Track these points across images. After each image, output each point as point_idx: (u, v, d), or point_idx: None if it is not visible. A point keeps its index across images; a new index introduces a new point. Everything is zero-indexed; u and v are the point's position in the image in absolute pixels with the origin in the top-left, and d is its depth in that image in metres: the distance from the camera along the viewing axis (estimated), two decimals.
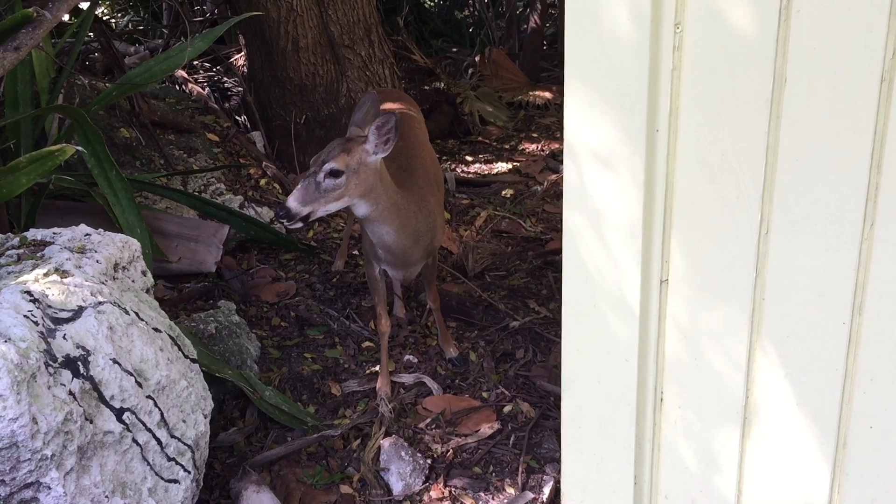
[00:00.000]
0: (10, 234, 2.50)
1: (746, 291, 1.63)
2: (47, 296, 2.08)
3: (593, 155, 1.65)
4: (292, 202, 2.66)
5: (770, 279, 1.61)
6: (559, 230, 4.61)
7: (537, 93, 6.87)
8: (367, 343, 3.60)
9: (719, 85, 1.54)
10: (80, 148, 2.82)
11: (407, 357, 3.51)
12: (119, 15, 7.79)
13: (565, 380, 1.87)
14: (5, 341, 1.86)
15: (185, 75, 5.21)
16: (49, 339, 1.97)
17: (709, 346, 1.70)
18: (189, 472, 2.34)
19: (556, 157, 5.73)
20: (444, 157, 5.75)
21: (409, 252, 3.03)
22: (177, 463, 2.30)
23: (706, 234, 1.63)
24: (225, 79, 5.50)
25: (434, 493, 2.76)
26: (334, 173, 2.66)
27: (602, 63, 1.58)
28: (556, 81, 7.24)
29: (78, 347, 2.03)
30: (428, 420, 3.11)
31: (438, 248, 3.32)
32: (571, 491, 1.96)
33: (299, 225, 2.72)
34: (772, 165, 1.56)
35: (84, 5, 4.19)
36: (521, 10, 8.20)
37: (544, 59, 7.72)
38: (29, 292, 2.05)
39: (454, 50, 7.93)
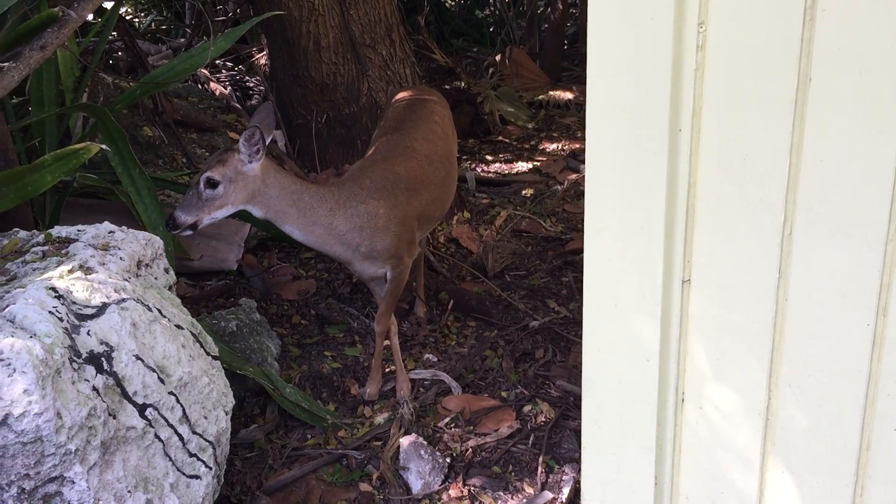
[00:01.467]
0: (35, 231, 2.52)
1: (769, 292, 1.62)
2: (72, 292, 2.10)
3: (615, 154, 1.65)
4: (178, 212, 2.79)
5: (793, 280, 1.60)
6: (579, 230, 4.60)
7: (558, 92, 6.86)
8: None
9: (743, 85, 1.54)
10: (104, 146, 2.85)
11: (427, 356, 3.51)
12: (142, 14, 7.86)
13: (586, 379, 1.87)
14: (30, 337, 1.88)
15: (208, 74, 5.25)
16: (73, 335, 1.99)
17: (731, 346, 1.69)
18: (210, 468, 2.36)
19: (577, 157, 5.72)
20: (465, 157, 5.75)
21: (332, 250, 3.00)
22: (198, 459, 2.32)
23: (729, 235, 1.63)
24: (246, 78, 5.53)
25: (453, 492, 2.76)
26: (211, 183, 2.76)
27: (625, 62, 1.57)
28: (576, 81, 7.23)
29: (102, 343, 2.05)
30: (447, 419, 3.12)
31: (399, 262, 3.10)
32: (591, 491, 1.95)
33: (189, 233, 2.84)
34: (795, 166, 1.54)
35: (108, 5, 4.23)
36: (541, 9, 8.19)
37: (565, 58, 7.70)
38: (54, 289, 2.07)
39: (474, 49, 7.93)
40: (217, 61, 5.66)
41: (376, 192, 3.02)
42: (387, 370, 3.41)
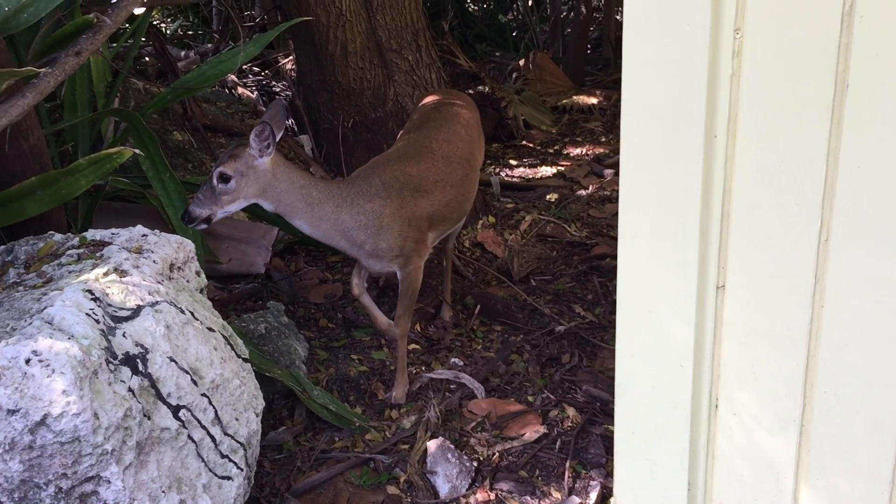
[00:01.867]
0: (69, 234, 2.56)
1: (805, 299, 1.62)
2: (107, 294, 2.13)
3: (649, 159, 1.65)
4: (193, 206, 2.89)
5: (829, 286, 1.60)
6: (604, 235, 4.60)
7: (581, 97, 6.86)
8: (412, 345, 3.62)
9: (779, 91, 1.54)
10: (137, 151, 2.88)
11: (453, 360, 3.52)
12: (168, 20, 7.94)
13: (619, 384, 1.87)
14: (68, 338, 1.91)
15: (235, 79, 5.29)
16: (109, 337, 2.02)
17: (765, 353, 1.69)
18: (241, 470, 2.38)
19: (601, 162, 5.71)
20: (489, 161, 5.76)
21: (338, 245, 3.09)
22: (230, 460, 2.34)
23: (764, 241, 1.62)
24: (273, 83, 5.58)
25: (480, 496, 2.77)
26: (224, 177, 2.86)
27: (660, 68, 1.58)
28: (600, 85, 7.22)
29: (137, 345, 2.07)
30: (473, 423, 3.12)
31: (407, 261, 3.13)
32: (624, 495, 1.95)
33: (203, 226, 2.95)
34: (832, 172, 1.54)
35: (138, 11, 4.28)
36: (565, 13, 8.19)
37: (588, 62, 7.70)
38: (90, 291, 2.10)
39: (498, 54, 7.95)
40: (244, 66, 5.71)
41: (384, 191, 3.06)
42: (415, 372, 3.42)
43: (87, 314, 2.01)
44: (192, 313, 2.33)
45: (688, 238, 1.66)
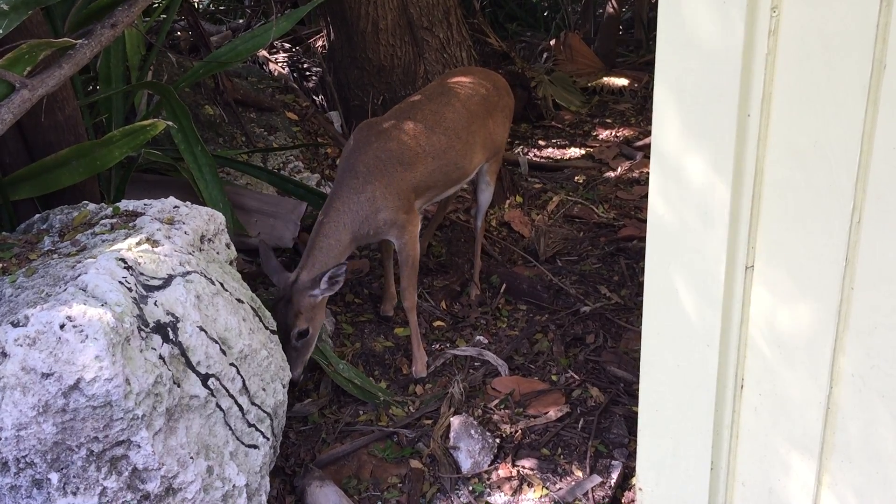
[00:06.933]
0: (102, 204, 2.60)
1: (835, 280, 1.61)
2: (140, 263, 2.16)
3: (681, 139, 1.65)
4: (293, 373, 2.88)
5: (860, 269, 1.59)
6: (632, 217, 4.58)
7: (612, 78, 6.80)
8: (438, 322, 3.64)
9: (815, 71, 1.52)
10: (171, 123, 2.90)
11: (478, 338, 3.54)
12: None
13: (644, 363, 1.88)
14: (102, 305, 1.95)
15: (267, 55, 5.31)
16: (141, 305, 2.05)
17: (793, 334, 1.68)
18: (267, 439, 2.42)
19: (630, 144, 5.67)
20: (517, 141, 5.74)
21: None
22: (256, 429, 2.38)
23: (795, 222, 1.62)
24: (304, 59, 5.59)
25: (502, 472, 2.79)
26: (302, 333, 2.93)
27: (695, 46, 1.57)
28: (631, 67, 7.15)
29: (168, 314, 2.11)
30: (496, 400, 3.14)
31: (402, 230, 3.23)
32: (646, 473, 1.96)
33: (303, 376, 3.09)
34: (867, 153, 1.53)
35: None
36: None
37: (620, 44, 7.62)
38: (123, 260, 2.13)
39: (528, 34, 7.89)
40: (275, 42, 5.72)
41: (370, 175, 3.13)
42: (439, 349, 3.44)
43: (119, 282, 2.05)
44: (221, 284, 2.36)
45: (718, 218, 1.65)
